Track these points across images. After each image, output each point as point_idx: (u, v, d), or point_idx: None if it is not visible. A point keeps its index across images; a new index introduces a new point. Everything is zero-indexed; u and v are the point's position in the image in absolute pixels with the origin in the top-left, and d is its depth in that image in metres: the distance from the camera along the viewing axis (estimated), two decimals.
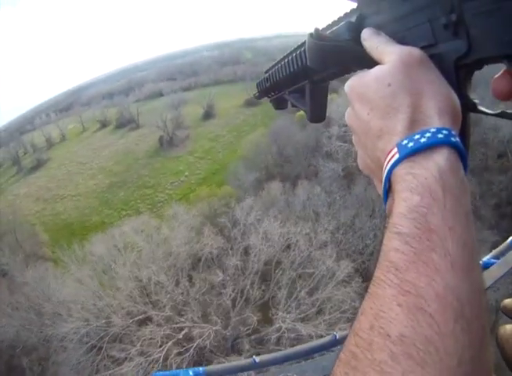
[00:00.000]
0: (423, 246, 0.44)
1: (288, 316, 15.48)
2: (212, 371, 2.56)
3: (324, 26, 0.75)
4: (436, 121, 0.51)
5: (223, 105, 50.17)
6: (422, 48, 0.57)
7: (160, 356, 14.50)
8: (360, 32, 0.64)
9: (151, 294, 17.28)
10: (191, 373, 2.52)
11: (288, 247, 18.41)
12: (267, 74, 1.10)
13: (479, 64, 0.55)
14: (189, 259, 18.75)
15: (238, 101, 49.31)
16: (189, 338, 15.08)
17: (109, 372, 15.12)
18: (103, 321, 16.28)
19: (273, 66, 1.04)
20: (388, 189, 0.52)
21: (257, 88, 1.22)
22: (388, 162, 0.51)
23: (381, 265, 0.46)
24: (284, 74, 0.96)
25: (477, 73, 0.57)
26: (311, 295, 16.27)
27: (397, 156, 0.50)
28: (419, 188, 0.46)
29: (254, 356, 2.52)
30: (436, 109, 0.51)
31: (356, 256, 19.33)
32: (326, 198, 22.41)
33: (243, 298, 16.48)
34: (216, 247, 18.65)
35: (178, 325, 15.47)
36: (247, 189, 25.30)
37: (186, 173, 37.61)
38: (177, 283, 17.41)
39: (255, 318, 15.82)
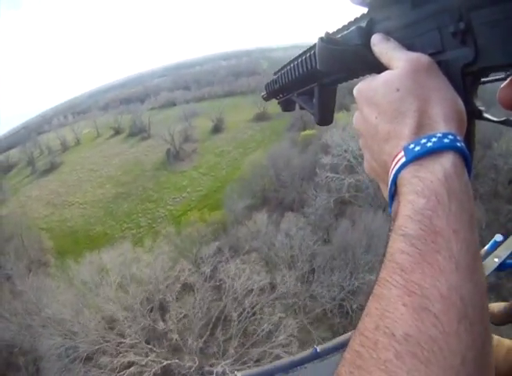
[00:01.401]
0: (428, 248, 0.46)
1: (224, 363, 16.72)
2: None
3: (334, 30, 0.80)
4: (442, 126, 0.53)
5: (233, 118, 51.44)
6: (430, 54, 0.60)
7: None
8: (370, 37, 0.68)
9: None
10: None
11: (246, 295, 19.51)
12: (276, 76, 1.15)
13: (485, 72, 0.58)
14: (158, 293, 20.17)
15: (248, 115, 50.65)
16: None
17: None
18: (79, 340, 18.15)
19: (282, 68, 1.10)
20: (394, 192, 0.55)
21: (266, 89, 1.28)
22: (395, 165, 0.54)
23: (387, 267, 0.48)
24: (293, 76, 1.01)
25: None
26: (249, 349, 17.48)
27: (403, 159, 0.53)
28: (425, 191, 0.49)
29: (235, 372, 2.43)
30: (442, 114, 0.54)
31: (302, 316, 19.78)
32: (310, 236, 22.93)
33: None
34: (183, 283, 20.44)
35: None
36: (237, 217, 26.34)
37: (188, 189, 38.62)
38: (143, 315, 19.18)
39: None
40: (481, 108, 0.60)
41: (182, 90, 71.09)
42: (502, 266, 1.50)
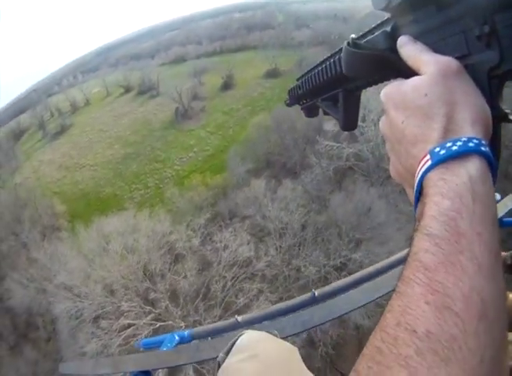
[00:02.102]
0: (452, 248, 0.48)
1: None
2: (197, 333, 2.63)
3: (359, 35, 0.81)
4: (468, 130, 0.55)
5: (244, 74, 50.66)
6: (456, 58, 0.61)
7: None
8: (395, 41, 0.70)
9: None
10: (176, 337, 2.56)
11: (231, 265, 20.16)
12: (299, 82, 1.17)
13: (511, 75, 0.59)
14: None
15: (259, 71, 49.74)
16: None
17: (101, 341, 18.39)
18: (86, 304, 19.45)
19: (306, 74, 1.11)
20: (419, 194, 0.57)
21: (289, 94, 1.30)
22: (421, 168, 0.56)
23: (410, 265, 0.50)
24: (318, 81, 1.02)
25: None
26: None
27: (429, 162, 0.55)
28: (450, 193, 0.51)
29: (236, 316, 2.51)
30: (469, 119, 0.56)
31: (282, 289, 20.24)
32: (304, 206, 23.21)
33: None
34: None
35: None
36: (239, 181, 26.66)
37: (195, 149, 38.71)
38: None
39: None
40: (507, 111, 0.61)
41: (193, 45, 69.87)
42: (499, 224, 1.67)
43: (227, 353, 1.35)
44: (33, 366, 21.92)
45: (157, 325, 17.75)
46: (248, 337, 1.42)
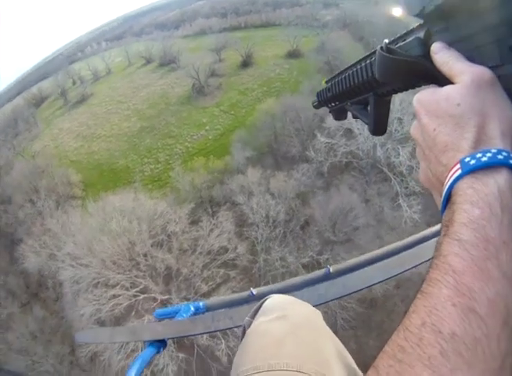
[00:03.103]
0: (480, 254, 0.49)
1: None
2: (211, 305, 2.71)
3: (390, 40, 0.82)
4: (498, 142, 0.57)
5: (264, 53, 50.72)
6: (489, 68, 0.62)
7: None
8: (429, 48, 0.71)
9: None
10: (192, 307, 2.65)
11: (208, 252, 21.96)
12: (329, 84, 1.20)
13: None
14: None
15: (281, 50, 49.56)
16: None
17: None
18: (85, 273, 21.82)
19: (335, 77, 1.14)
20: (447, 201, 0.60)
21: (318, 97, 1.34)
22: (451, 176, 0.59)
23: (439, 267, 0.52)
24: (348, 85, 1.05)
25: None
26: None
27: (459, 171, 0.57)
28: (479, 202, 0.53)
29: (251, 289, 2.56)
30: (499, 131, 0.58)
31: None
32: (292, 200, 24.22)
33: None
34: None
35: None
36: (239, 167, 27.76)
37: (207, 127, 39.48)
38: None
39: None
40: None
41: (218, 17, 70.10)
42: None
43: (253, 317, 1.38)
44: (40, 323, 24.57)
45: (141, 297, 20.18)
46: (275, 299, 1.46)
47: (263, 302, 1.43)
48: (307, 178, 26.10)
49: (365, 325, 20.16)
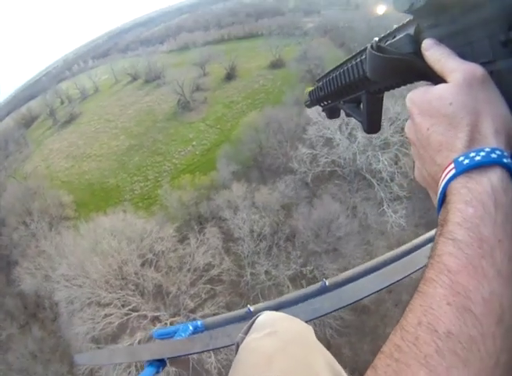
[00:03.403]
0: (475, 253, 0.50)
1: None
2: (210, 323, 2.70)
3: (380, 37, 0.82)
4: (491, 141, 0.57)
5: (248, 64, 51.59)
6: (481, 64, 0.61)
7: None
8: (419, 45, 0.70)
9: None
10: (190, 327, 2.65)
11: (195, 269, 22.81)
12: (320, 83, 1.19)
13: None
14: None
15: (264, 61, 50.43)
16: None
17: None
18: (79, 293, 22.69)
19: (327, 75, 1.13)
20: (442, 201, 0.60)
21: (310, 96, 1.32)
22: (445, 176, 0.59)
23: (434, 267, 0.53)
24: (340, 83, 1.03)
25: None
26: None
27: (453, 171, 0.58)
28: (473, 201, 0.53)
29: (248, 306, 2.57)
30: (492, 129, 0.58)
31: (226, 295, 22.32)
32: (274, 214, 24.62)
33: None
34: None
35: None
36: (225, 182, 28.07)
37: (194, 142, 40.04)
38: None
39: None
40: None
41: (201, 31, 71.29)
42: None
43: (246, 333, 1.41)
44: (39, 343, 25.42)
45: (132, 315, 21.20)
46: (266, 316, 1.48)
47: (255, 319, 1.47)
48: (291, 189, 26.39)
49: (359, 331, 20.67)
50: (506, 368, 0.46)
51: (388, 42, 0.78)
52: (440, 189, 0.60)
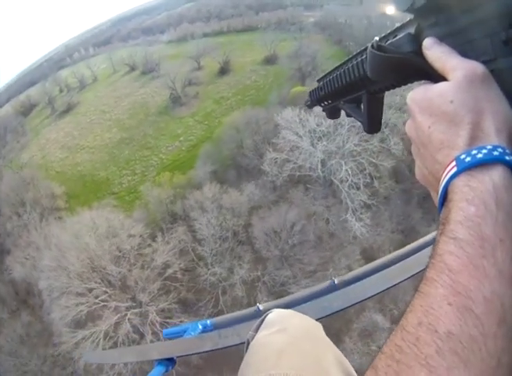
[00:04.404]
0: (476, 252, 0.50)
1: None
2: (219, 322, 2.73)
3: (381, 36, 0.83)
4: (493, 138, 0.58)
5: (243, 58, 51.71)
6: (482, 62, 0.63)
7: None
8: (420, 44, 0.72)
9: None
10: (199, 326, 2.67)
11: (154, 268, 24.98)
12: (321, 83, 1.21)
13: None
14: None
15: (259, 55, 50.47)
16: None
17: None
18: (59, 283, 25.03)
19: (327, 75, 1.15)
20: (444, 199, 0.61)
21: (310, 96, 1.34)
22: (447, 174, 0.60)
23: (435, 266, 0.54)
24: (340, 83, 1.05)
25: None
26: None
27: (455, 169, 0.59)
28: (475, 200, 0.54)
29: (257, 304, 2.61)
30: (494, 127, 0.59)
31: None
32: (238, 218, 25.76)
33: None
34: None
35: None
36: (202, 181, 29.10)
37: (181, 138, 41.01)
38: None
39: None
40: None
41: (203, 22, 71.83)
42: None
43: (256, 331, 1.45)
44: (27, 328, 27.70)
45: (100, 304, 23.84)
46: (276, 313, 1.52)
47: (265, 317, 1.52)
48: (260, 192, 27.37)
49: (326, 332, 22.61)
50: (508, 369, 0.46)
51: (389, 41, 0.81)
52: (441, 187, 0.62)
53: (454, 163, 0.60)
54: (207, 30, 67.17)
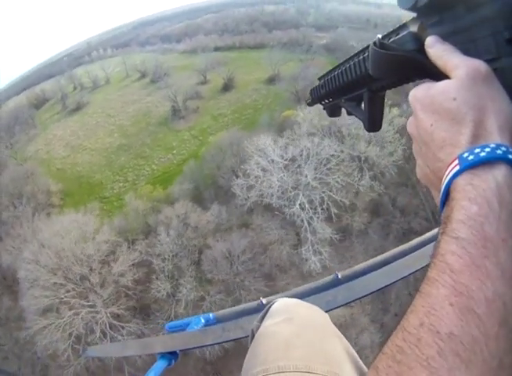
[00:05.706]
0: (478, 252, 0.50)
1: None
2: (222, 316, 2.74)
3: (384, 34, 0.83)
4: (496, 137, 0.58)
5: (248, 76, 52.71)
6: (485, 61, 0.63)
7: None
8: (423, 42, 0.72)
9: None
10: (202, 319, 2.68)
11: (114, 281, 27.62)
12: (322, 81, 1.22)
13: None
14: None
15: (264, 74, 51.41)
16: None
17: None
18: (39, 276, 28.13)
19: (329, 73, 1.16)
20: (446, 198, 0.61)
21: (311, 94, 1.36)
22: (449, 172, 0.60)
23: (436, 266, 0.53)
24: (342, 81, 1.06)
25: None
26: None
27: (458, 167, 0.58)
28: (477, 198, 0.53)
29: (260, 298, 2.58)
30: (497, 125, 0.59)
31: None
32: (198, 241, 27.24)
33: None
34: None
35: None
36: (178, 197, 30.85)
37: (174, 151, 42.64)
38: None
39: None
40: None
41: (217, 35, 73.70)
42: None
43: (261, 321, 1.45)
44: (7, 312, 30.99)
45: (63, 299, 27.04)
46: (282, 302, 1.54)
47: (270, 306, 1.52)
48: (226, 215, 28.63)
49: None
50: (510, 370, 0.46)
51: (391, 39, 0.82)
52: (443, 185, 0.62)
53: (457, 161, 0.60)
54: (220, 44, 69.34)
